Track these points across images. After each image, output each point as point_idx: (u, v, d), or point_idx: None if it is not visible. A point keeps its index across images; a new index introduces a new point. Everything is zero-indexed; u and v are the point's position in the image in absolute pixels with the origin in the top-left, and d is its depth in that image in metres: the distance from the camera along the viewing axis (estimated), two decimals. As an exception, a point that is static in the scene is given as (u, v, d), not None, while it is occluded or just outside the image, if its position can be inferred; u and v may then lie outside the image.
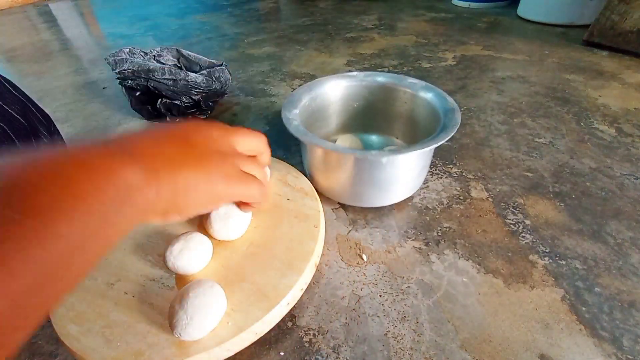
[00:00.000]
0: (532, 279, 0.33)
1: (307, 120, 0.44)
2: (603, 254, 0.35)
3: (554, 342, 0.28)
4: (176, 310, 0.26)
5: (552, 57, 0.80)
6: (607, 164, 0.47)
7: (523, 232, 0.38)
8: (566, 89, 0.66)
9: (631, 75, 0.70)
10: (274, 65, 0.87)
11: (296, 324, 0.31)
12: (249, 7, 1.48)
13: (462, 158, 0.50)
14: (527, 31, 0.98)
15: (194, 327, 0.25)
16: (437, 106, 0.42)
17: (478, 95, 0.67)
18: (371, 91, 0.49)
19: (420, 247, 0.37)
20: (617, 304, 0.31)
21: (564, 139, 0.53)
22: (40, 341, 0.31)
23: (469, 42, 0.93)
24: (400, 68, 0.80)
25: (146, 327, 0.27)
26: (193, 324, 0.25)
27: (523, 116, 0.59)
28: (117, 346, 0.26)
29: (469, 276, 0.34)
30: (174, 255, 0.30)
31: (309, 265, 0.31)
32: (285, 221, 0.36)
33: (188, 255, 0.30)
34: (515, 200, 0.42)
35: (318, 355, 0.29)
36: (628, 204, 0.41)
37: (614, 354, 0.27)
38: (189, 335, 0.25)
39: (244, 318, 0.27)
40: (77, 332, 0.27)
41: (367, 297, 0.33)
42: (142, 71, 0.59)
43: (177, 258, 0.30)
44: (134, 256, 0.34)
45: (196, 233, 0.32)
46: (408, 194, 0.41)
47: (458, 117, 0.37)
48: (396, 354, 0.28)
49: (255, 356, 0.29)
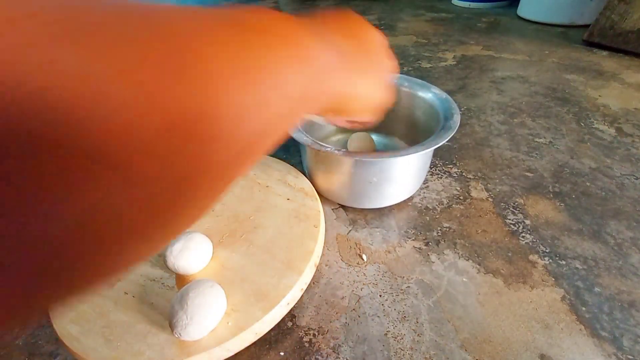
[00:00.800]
0: (532, 279, 0.33)
1: (307, 121, 0.44)
2: (603, 254, 0.35)
3: (554, 342, 0.28)
4: (176, 310, 0.26)
5: (552, 57, 0.80)
6: (607, 164, 0.47)
7: (523, 232, 0.38)
8: (566, 89, 0.66)
9: (631, 75, 0.70)
10: (274, 65, 0.87)
11: (296, 323, 0.31)
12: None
13: (462, 158, 0.50)
14: (527, 31, 0.98)
15: (194, 327, 0.25)
16: (436, 106, 0.42)
17: (478, 95, 0.67)
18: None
19: (420, 247, 0.37)
20: (617, 304, 0.31)
21: (564, 139, 0.53)
22: (40, 341, 0.31)
23: (469, 42, 0.93)
24: (400, 68, 0.80)
25: (146, 327, 0.27)
26: (193, 323, 0.25)
27: (523, 116, 0.59)
28: (117, 346, 0.26)
29: (469, 276, 0.34)
30: (174, 255, 0.30)
31: (309, 265, 0.31)
32: (285, 221, 0.36)
33: (188, 255, 0.30)
34: (515, 200, 0.42)
35: (318, 355, 0.29)
36: (628, 204, 0.41)
37: (614, 354, 0.27)
38: (188, 335, 0.25)
39: (243, 318, 0.27)
40: (77, 332, 0.27)
41: (367, 297, 0.33)
42: None
43: (177, 258, 0.30)
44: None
45: (196, 233, 0.32)
46: (407, 195, 0.41)
47: (457, 118, 0.37)
48: (396, 354, 0.28)
49: (255, 356, 0.29)
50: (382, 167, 0.36)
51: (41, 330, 0.32)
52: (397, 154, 0.34)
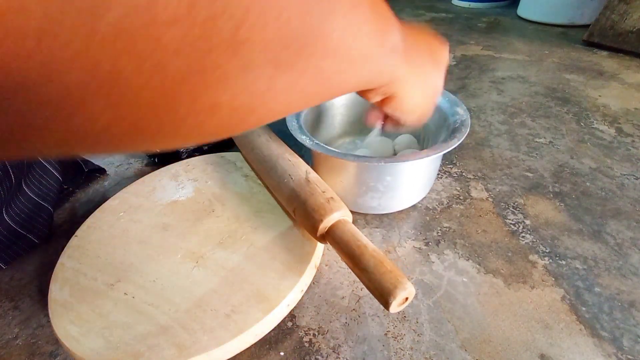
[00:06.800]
0: (532, 279, 0.33)
1: (310, 123, 0.44)
2: (603, 254, 0.35)
3: (554, 342, 0.28)
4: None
5: (552, 57, 0.80)
6: (607, 164, 0.47)
7: (523, 232, 0.38)
8: (566, 89, 0.66)
9: (631, 75, 0.70)
10: (274, 65, 0.87)
11: (296, 324, 0.31)
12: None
13: (462, 158, 0.50)
14: (527, 31, 0.98)
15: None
16: (445, 109, 0.41)
17: (478, 95, 0.66)
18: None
19: (420, 247, 0.37)
20: (617, 304, 0.31)
21: (564, 139, 0.53)
22: (40, 341, 0.31)
23: (469, 42, 0.93)
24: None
25: (146, 328, 0.27)
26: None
27: (523, 116, 0.59)
28: (116, 347, 0.26)
29: (469, 276, 0.34)
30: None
31: (309, 266, 0.31)
32: (285, 222, 0.36)
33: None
34: (515, 200, 0.42)
35: (318, 355, 0.29)
36: (628, 204, 0.41)
37: (614, 354, 0.27)
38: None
39: (243, 319, 0.27)
40: (76, 333, 0.27)
41: (367, 297, 0.32)
42: None
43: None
44: (134, 256, 0.34)
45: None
46: (414, 201, 0.41)
47: (467, 123, 0.37)
48: (396, 354, 0.28)
49: (255, 356, 0.29)
50: (389, 172, 0.36)
51: (41, 330, 0.32)
52: (403, 159, 0.34)
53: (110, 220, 0.38)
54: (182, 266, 0.32)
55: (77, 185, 0.49)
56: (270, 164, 0.37)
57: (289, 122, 0.39)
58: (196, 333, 0.27)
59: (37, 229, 0.39)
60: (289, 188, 0.34)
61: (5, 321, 0.33)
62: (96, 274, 0.32)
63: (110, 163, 0.54)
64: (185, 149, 0.50)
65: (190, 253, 0.33)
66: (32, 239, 0.39)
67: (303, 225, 0.33)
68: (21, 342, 0.31)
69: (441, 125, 0.41)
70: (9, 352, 0.30)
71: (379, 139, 0.46)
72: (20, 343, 0.31)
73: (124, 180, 0.50)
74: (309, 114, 0.44)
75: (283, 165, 0.36)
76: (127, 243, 0.35)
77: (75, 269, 0.33)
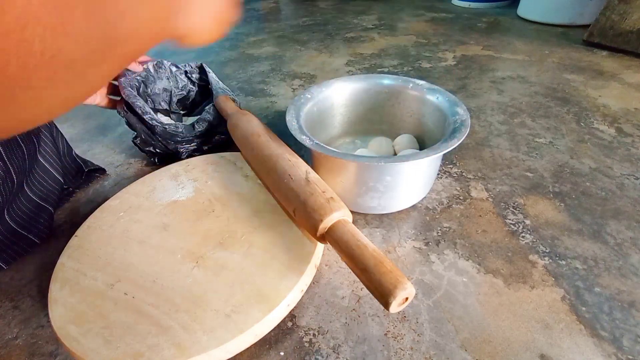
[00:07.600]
0: (532, 279, 0.33)
1: (310, 123, 0.44)
2: (603, 254, 0.35)
3: (554, 342, 0.28)
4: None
5: (552, 57, 0.80)
6: (607, 164, 0.47)
7: (523, 232, 0.38)
8: (566, 89, 0.66)
9: (631, 75, 0.70)
10: (274, 65, 0.87)
11: (296, 324, 0.31)
12: (249, 7, 1.48)
13: (462, 158, 0.50)
14: (527, 31, 0.98)
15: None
16: (445, 110, 0.41)
17: (478, 95, 0.67)
18: (377, 94, 0.49)
19: (420, 247, 0.37)
20: (617, 304, 0.31)
21: (564, 139, 0.53)
22: (40, 341, 0.31)
23: (469, 42, 0.93)
24: (400, 68, 0.80)
25: (146, 328, 0.27)
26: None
27: (523, 116, 0.59)
28: (116, 347, 0.26)
29: (469, 276, 0.34)
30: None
31: (309, 266, 0.31)
32: (285, 222, 0.36)
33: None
34: (515, 200, 0.42)
35: (318, 355, 0.29)
36: (628, 204, 0.41)
37: (614, 354, 0.27)
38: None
39: (244, 319, 0.27)
40: (76, 333, 0.27)
41: (367, 297, 0.33)
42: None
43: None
44: (134, 256, 0.34)
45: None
46: (414, 201, 0.41)
47: (467, 123, 0.37)
48: (396, 354, 0.28)
49: (255, 356, 0.29)
50: (389, 172, 0.36)
51: (41, 330, 0.32)
52: (403, 159, 0.34)
53: (110, 220, 0.38)
54: (182, 266, 0.32)
55: (77, 185, 0.49)
56: (270, 164, 0.37)
57: (289, 122, 0.39)
58: (196, 333, 0.27)
59: (37, 230, 0.39)
60: (289, 188, 0.34)
61: (5, 321, 0.33)
62: (96, 274, 0.32)
63: (111, 163, 0.54)
64: (186, 149, 0.50)
65: (190, 253, 0.33)
66: (33, 239, 0.39)
67: (303, 225, 0.33)
68: (21, 342, 0.31)
69: (441, 125, 0.41)
70: (9, 352, 0.30)
71: (382, 140, 0.46)
72: (20, 343, 0.31)
73: (124, 180, 0.50)
74: (309, 116, 0.44)
75: (283, 165, 0.36)
76: (127, 243, 0.35)
77: (75, 269, 0.33)
